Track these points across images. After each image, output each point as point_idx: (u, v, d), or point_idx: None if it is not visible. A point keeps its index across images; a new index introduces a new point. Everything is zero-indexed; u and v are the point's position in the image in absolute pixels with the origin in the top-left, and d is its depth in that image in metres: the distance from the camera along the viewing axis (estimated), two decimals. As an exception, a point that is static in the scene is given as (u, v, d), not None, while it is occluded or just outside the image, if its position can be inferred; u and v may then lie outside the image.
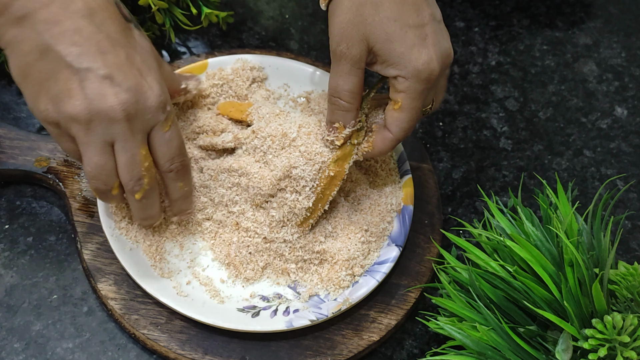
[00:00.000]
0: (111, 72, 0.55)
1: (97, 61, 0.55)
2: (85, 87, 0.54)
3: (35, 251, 0.68)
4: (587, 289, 0.55)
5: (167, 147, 0.60)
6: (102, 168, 0.58)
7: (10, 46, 0.56)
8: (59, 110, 0.55)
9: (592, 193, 0.77)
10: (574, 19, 0.90)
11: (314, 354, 0.64)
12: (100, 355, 0.64)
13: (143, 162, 0.58)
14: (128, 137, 0.56)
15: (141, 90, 0.56)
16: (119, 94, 0.55)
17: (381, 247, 0.68)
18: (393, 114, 0.62)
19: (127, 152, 0.57)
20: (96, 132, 0.56)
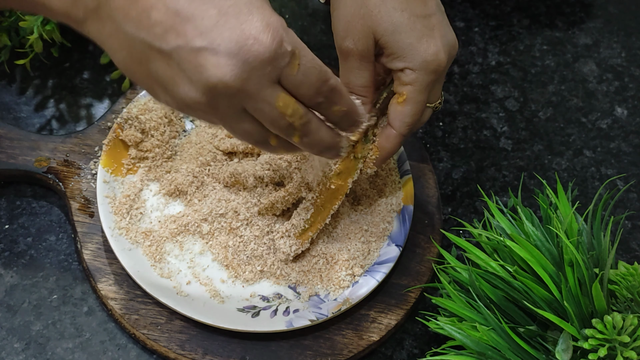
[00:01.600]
0: (204, 39, 0.47)
1: (184, 33, 0.47)
2: (185, 69, 0.47)
3: (35, 251, 0.68)
4: (587, 289, 0.55)
5: (306, 86, 0.51)
6: (248, 133, 0.52)
7: (100, 42, 0.50)
8: (176, 100, 0.50)
9: (592, 193, 0.77)
10: (574, 19, 0.90)
11: (314, 354, 0.64)
12: (100, 355, 0.64)
13: (284, 113, 0.50)
14: (255, 99, 0.49)
15: (246, 45, 0.47)
16: (221, 62, 0.47)
17: (381, 247, 0.68)
18: (397, 108, 0.60)
19: (263, 113, 0.50)
20: (222, 108, 0.49)
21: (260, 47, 0.47)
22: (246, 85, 0.48)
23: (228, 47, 0.47)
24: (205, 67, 0.47)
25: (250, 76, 0.48)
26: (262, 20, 0.47)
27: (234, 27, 0.47)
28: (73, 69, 0.79)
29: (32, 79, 0.78)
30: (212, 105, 0.49)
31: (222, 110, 0.50)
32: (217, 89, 0.48)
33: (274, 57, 0.48)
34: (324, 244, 0.67)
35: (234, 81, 0.47)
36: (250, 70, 0.47)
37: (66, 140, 0.72)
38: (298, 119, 0.51)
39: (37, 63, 0.79)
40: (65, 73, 0.79)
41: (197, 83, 0.48)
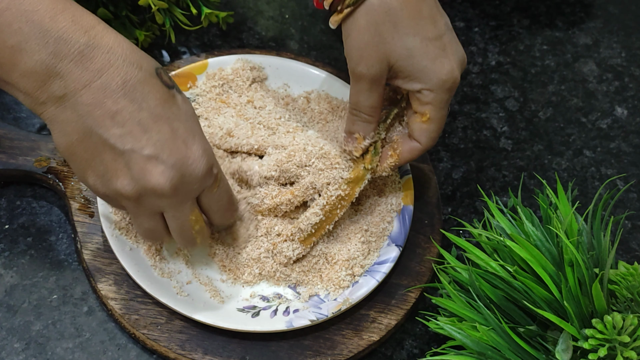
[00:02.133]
0: (155, 150, 0.54)
1: (140, 141, 0.54)
2: (131, 168, 0.55)
3: (35, 251, 0.68)
4: (587, 289, 0.55)
5: (218, 205, 0.61)
6: (153, 232, 0.60)
7: (52, 124, 0.55)
8: (107, 187, 0.56)
9: (592, 193, 0.77)
10: (574, 19, 0.90)
11: (314, 354, 0.64)
12: (100, 355, 0.64)
13: (194, 226, 0.60)
14: (177, 207, 0.58)
15: (187, 164, 0.56)
16: (164, 172, 0.55)
17: (381, 247, 0.68)
18: (422, 126, 0.64)
19: (177, 220, 0.59)
20: (145, 206, 0.57)
21: (197, 167, 0.56)
22: (176, 194, 0.56)
23: (173, 161, 0.55)
24: (150, 171, 0.55)
25: (182, 188, 0.56)
26: (201, 147, 0.57)
27: (180, 146, 0.56)
28: (73, 69, 0.79)
29: (32, 79, 0.78)
30: (138, 201, 0.56)
31: (142, 207, 0.57)
32: (151, 191, 0.55)
33: (204, 177, 0.57)
34: (324, 244, 0.67)
35: (170, 189, 0.55)
36: (184, 183, 0.56)
37: (66, 140, 0.72)
38: (201, 235, 0.61)
39: (37, 63, 0.79)
40: (65, 73, 0.79)
41: (137, 181, 0.55)
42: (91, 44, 0.53)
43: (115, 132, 0.54)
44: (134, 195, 0.56)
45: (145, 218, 0.59)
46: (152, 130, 0.55)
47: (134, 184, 0.55)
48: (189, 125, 0.57)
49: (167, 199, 0.56)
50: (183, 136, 0.56)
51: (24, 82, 0.53)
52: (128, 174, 0.55)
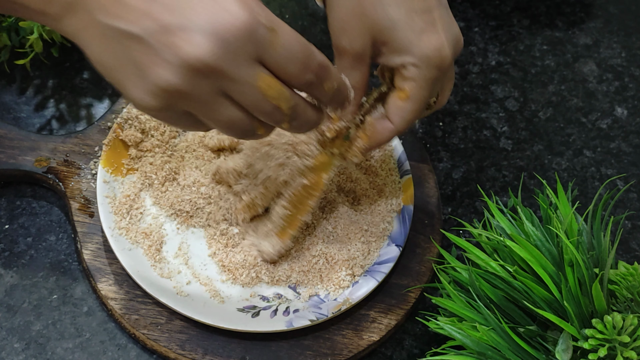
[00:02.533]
0: (175, 18, 0.45)
1: (156, 13, 0.45)
2: (160, 50, 0.45)
3: (35, 251, 0.68)
4: (587, 289, 0.55)
5: (291, 64, 0.48)
6: (231, 122, 0.49)
7: (76, 37, 0.48)
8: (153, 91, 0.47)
9: (592, 193, 0.77)
10: (574, 19, 0.90)
11: (314, 354, 0.64)
12: (100, 355, 0.64)
13: (266, 95, 0.48)
14: (234, 79, 0.47)
15: (221, 21, 0.45)
16: (194, 42, 0.44)
17: (381, 247, 0.68)
18: (398, 104, 0.58)
19: (245, 96, 0.48)
20: (201, 92, 0.47)
21: (235, 21, 0.45)
22: (223, 63, 0.45)
23: (201, 24, 0.45)
24: (178, 45, 0.45)
25: (226, 53, 0.45)
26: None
27: (205, 2, 0.45)
28: (73, 69, 0.79)
29: (32, 79, 0.78)
30: (188, 88, 0.46)
31: (200, 96, 0.47)
32: (193, 69, 0.45)
33: (250, 31, 0.45)
34: (324, 244, 0.67)
35: (210, 58, 0.45)
36: (226, 47, 0.45)
37: (66, 140, 0.72)
38: (285, 102, 0.49)
39: (37, 63, 0.79)
40: (65, 73, 0.79)
41: (172, 64, 0.45)
42: None
43: (128, 17, 0.45)
44: (179, 83, 0.46)
45: (213, 108, 0.48)
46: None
47: (170, 69, 0.45)
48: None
49: (215, 72, 0.46)
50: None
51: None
52: (160, 60, 0.45)
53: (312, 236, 0.68)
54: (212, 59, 0.45)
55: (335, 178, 0.71)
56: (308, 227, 0.68)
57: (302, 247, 0.67)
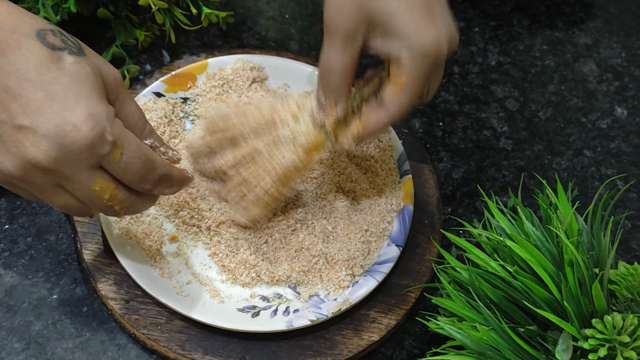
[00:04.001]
0: (27, 118, 0.49)
1: (9, 110, 0.49)
2: (6, 142, 0.49)
3: (35, 251, 0.68)
4: (587, 289, 0.55)
5: (130, 174, 0.53)
6: (66, 207, 0.54)
7: None
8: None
9: (592, 193, 0.77)
10: (574, 19, 0.90)
11: (314, 354, 0.64)
12: (100, 355, 0.64)
13: (102, 197, 0.53)
14: (71, 180, 0.51)
15: (64, 132, 0.49)
16: (39, 143, 0.49)
17: (381, 247, 0.68)
18: (393, 94, 0.58)
19: (80, 193, 0.52)
20: (39, 183, 0.51)
21: (77, 135, 0.49)
22: (61, 167, 0.50)
23: (47, 130, 0.49)
24: (23, 144, 0.49)
25: (65, 160, 0.50)
26: (86, 110, 0.50)
27: (56, 112, 0.49)
28: (73, 69, 0.79)
29: (32, 79, 0.78)
30: (27, 179, 0.51)
31: (37, 185, 0.51)
32: (32, 167, 0.50)
33: (91, 145, 0.50)
34: (324, 244, 0.67)
35: (48, 162, 0.49)
36: (65, 154, 0.49)
37: (66, 140, 0.72)
38: (117, 203, 0.54)
39: (37, 63, 0.79)
40: (65, 73, 0.79)
41: (14, 157, 0.49)
42: None
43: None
44: (18, 174, 0.50)
45: (50, 195, 0.53)
46: (23, 97, 0.49)
47: (13, 161, 0.50)
48: (75, 88, 0.50)
49: (54, 172, 0.50)
50: (62, 100, 0.49)
51: None
52: (5, 150, 0.50)
53: (312, 236, 0.68)
54: (51, 163, 0.49)
55: (335, 178, 0.71)
56: (308, 227, 0.68)
57: (302, 247, 0.67)
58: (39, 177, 0.51)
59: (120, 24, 0.78)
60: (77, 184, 0.52)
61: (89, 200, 0.53)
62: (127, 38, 0.79)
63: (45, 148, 0.49)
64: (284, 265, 0.67)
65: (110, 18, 0.77)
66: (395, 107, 0.59)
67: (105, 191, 0.53)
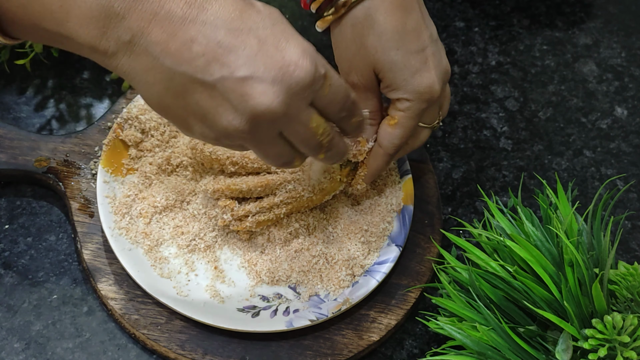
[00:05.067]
0: (248, 69, 0.48)
1: (228, 64, 0.48)
2: (230, 99, 0.49)
3: (35, 251, 0.68)
4: (587, 289, 0.55)
5: (334, 104, 0.53)
6: (278, 155, 0.54)
7: (130, 77, 0.50)
8: (216, 130, 0.50)
9: (592, 193, 0.77)
10: (574, 19, 0.90)
11: (314, 354, 0.64)
12: (100, 355, 0.64)
13: (316, 133, 0.53)
14: (293, 122, 0.51)
15: (288, 72, 0.49)
16: (267, 90, 0.48)
17: (381, 247, 0.68)
18: (387, 129, 0.64)
19: (297, 134, 0.52)
20: (262, 133, 0.51)
21: (301, 72, 0.49)
22: (289, 110, 0.50)
23: (272, 75, 0.48)
24: (251, 95, 0.48)
25: (292, 100, 0.49)
26: (299, 47, 0.49)
27: (274, 55, 0.49)
28: (73, 69, 0.79)
29: (32, 79, 0.79)
30: (252, 132, 0.50)
31: (260, 136, 0.51)
32: (262, 116, 0.49)
33: (312, 81, 0.50)
34: (324, 244, 0.67)
35: (280, 107, 0.49)
36: (293, 95, 0.49)
37: (66, 140, 0.72)
38: (326, 137, 0.54)
39: (37, 63, 0.79)
40: (65, 73, 0.79)
41: (242, 111, 0.49)
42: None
43: (198, 64, 0.48)
44: (245, 128, 0.49)
45: (268, 145, 0.52)
46: (237, 47, 0.48)
47: (240, 115, 0.49)
48: (278, 28, 0.50)
49: (281, 118, 0.50)
50: (274, 43, 0.49)
51: (84, 32, 0.48)
52: (229, 107, 0.49)
53: (312, 236, 0.68)
54: (281, 107, 0.49)
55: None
56: (308, 227, 0.68)
57: (302, 247, 0.67)
58: (264, 127, 0.50)
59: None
60: (298, 124, 0.51)
61: (304, 140, 0.53)
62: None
63: (275, 94, 0.48)
64: (284, 265, 0.67)
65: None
66: (388, 140, 0.64)
67: (319, 126, 0.53)
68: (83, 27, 0.48)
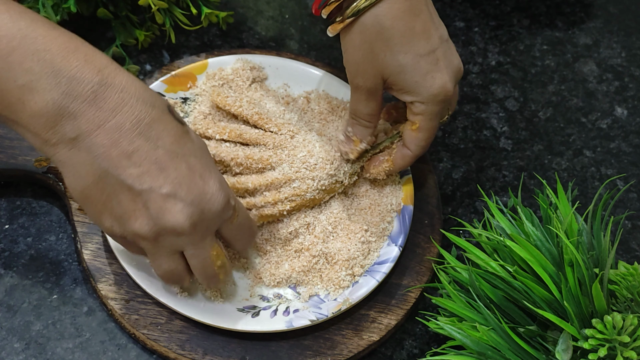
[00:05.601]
0: (173, 188, 0.54)
1: (158, 180, 0.54)
2: (149, 207, 0.54)
3: (35, 251, 0.68)
4: (587, 289, 0.55)
5: (240, 234, 0.61)
6: (173, 273, 0.59)
7: (64, 167, 0.54)
8: (125, 229, 0.56)
9: (592, 193, 0.77)
10: (574, 19, 0.90)
11: (314, 354, 0.64)
12: (100, 355, 0.64)
13: (215, 262, 0.59)
14: (197, 244, 0.57)
15: (205, 199, 0.55)
16: (183, 210, 0.54)
17: (381, 247, 0.68)
18: (411, 134, 0.65)
19: (198, 258, 0.58)
20: (164, 245, 0.56)
21: (215, 202, 0.56)
22: (195, 231, 0.56)
23: (191, 198, 0.55)
24: (169, 210, 0.54)
25: (201, 224, 0.56)
26: (218, 182, 0.56)
27: (197, 182, 0.55)
28: (73, 69, 0.79)
29: (32, 79, 0.78)
30: (156, 240, 0.56)
31: (161, 247, 0.57)
32: (171, 230, 0.55)
33: (222, 210, 0.57)
34: (324, 244, 0.67)
35: (189, 226, 0.55)
36: (203, 219, 0.56)
37: (66, 140, 0.72)
38: (223, 272, 0.61)
39: (37, 63, 0.79)
40: (65, 73, 0.79)
41: (155, 221, 0.54)
42: (104, 83, 0.52)
43: (132, 172, 0.53)
44: (152, 235, 0.55)
45: (165, 259, 0.58)
46: (169, 168, 0.54)
47: (152, 223, 0.54)
48: (205, 160, 0.57)
49: (186, 236, 0.56)
50: (199, 171, 0.56)
51: (35, 123, 0.52)
52: (146, 214, 0.54)
53: (312, 236, 0.68)
54: (190, 227, 0.55)
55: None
56: (308, 227, 0.68)
57: (302, 247, 0.67)
58: (168, 240, 0.56)
59: (120, 24, 0.78)
60: (200, 248, 0.57)
61: (201, 266, 0.59)
62: (127, 38, 0.79)
63: (189, 214, 0.54)
64: (284, 265, 0.67)
65: (110, 18, 0.77)
66: (415, 145, 0.66)
67: (219, 256, 0.59)
68: (35, 119, 0.52)
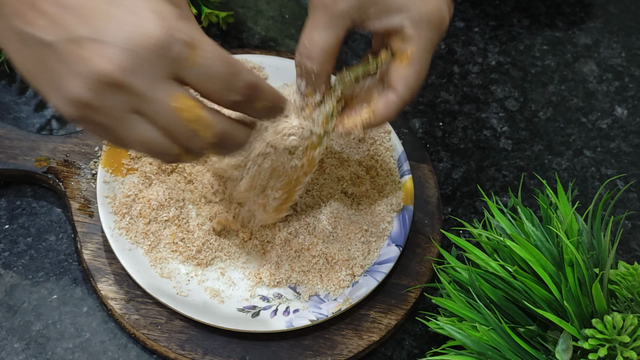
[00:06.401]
0: (89, 29, 0.43)
1: (67, 24, 0.43)
2: (68, 61, 0.43)
3: (35, 251, 0.68)
4: (587, 289, 0.55)
5: (212, 81, 0.45)
6: (147, 143, 0.46)
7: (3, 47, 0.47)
8: (66, 100, 0.44)
9: (592, 193, 0.77)
10: (574, 19, 0.90)
11: (314, 354, 0.64)
12: (100, 355, 0.64)
13: (181, 117, 0.45)
14: (147, 98, 0.44)
15: (134, 35, 0.43)
16: (104, 54, 0.42)
17: (381, 247, 0.68)
18: (400, 71, 0.54)
19: (158, 115, 0.45)
20: (113, 107, 0.44)
21: (149, 36, 0.43)
22: (134, 79, 0.43)
23: (113, 37, 0.43)
24: (88, 58, 0.43)
25: (138, 68, 0.43)
26: (150, 9, 0.43)
27: (121, 17, 0.43)
28: (73, 69, 0.79)
29: (32, 79, 0.78)
30: (99, 103, 0.44)
31: (111, 111, 0.44)
32: (102, 82, 0.43)
33: (164, 47, 0.43)
34: (324, 244, 0.67)
35: (120, 72, 0.43)
36: (137, 61, 0.43)
37: (66, 140, 0.72)
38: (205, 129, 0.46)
39: (37, 63, 0.79)
40: (65, 73, 0.79)
41: (82, 76, 0.43)
42: None
43: (40, 24, 0.44)
44: (90, 98, 0.43)
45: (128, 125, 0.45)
46: (79, 5, 0.43)
47: (81, 81, 0.43)
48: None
49: (127, 88, 0.43)
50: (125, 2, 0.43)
51: None
52: (70, 71, 0.43)
53: (312, 236, 0.68)
54: (122, 74, 0.43)
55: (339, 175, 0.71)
56: (308, 227, 0.68)
57: (302, 247, 0.67)
58: (112, 98, 0.44)
59: (120, 24, 0.78)
60: (153, 101, 0.44)
61: (171, 126, 0.45)
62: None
63: (114, 57, 0.42)
64: (284, 265, 0.67)
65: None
66: (403, 84, 0.55)
67: (185, 109, 0.45)
68: None
